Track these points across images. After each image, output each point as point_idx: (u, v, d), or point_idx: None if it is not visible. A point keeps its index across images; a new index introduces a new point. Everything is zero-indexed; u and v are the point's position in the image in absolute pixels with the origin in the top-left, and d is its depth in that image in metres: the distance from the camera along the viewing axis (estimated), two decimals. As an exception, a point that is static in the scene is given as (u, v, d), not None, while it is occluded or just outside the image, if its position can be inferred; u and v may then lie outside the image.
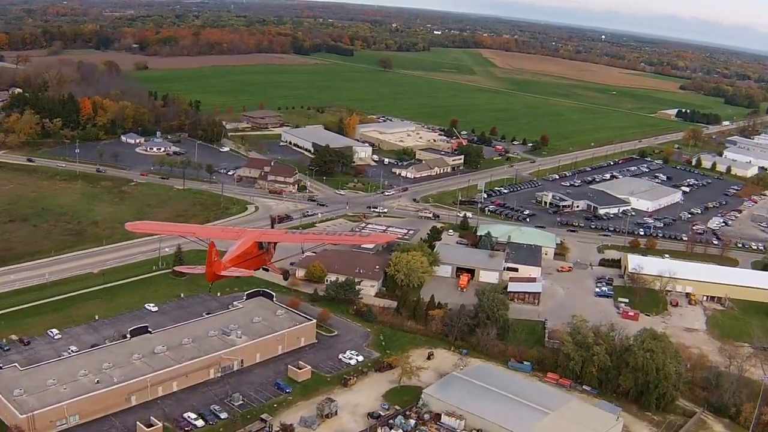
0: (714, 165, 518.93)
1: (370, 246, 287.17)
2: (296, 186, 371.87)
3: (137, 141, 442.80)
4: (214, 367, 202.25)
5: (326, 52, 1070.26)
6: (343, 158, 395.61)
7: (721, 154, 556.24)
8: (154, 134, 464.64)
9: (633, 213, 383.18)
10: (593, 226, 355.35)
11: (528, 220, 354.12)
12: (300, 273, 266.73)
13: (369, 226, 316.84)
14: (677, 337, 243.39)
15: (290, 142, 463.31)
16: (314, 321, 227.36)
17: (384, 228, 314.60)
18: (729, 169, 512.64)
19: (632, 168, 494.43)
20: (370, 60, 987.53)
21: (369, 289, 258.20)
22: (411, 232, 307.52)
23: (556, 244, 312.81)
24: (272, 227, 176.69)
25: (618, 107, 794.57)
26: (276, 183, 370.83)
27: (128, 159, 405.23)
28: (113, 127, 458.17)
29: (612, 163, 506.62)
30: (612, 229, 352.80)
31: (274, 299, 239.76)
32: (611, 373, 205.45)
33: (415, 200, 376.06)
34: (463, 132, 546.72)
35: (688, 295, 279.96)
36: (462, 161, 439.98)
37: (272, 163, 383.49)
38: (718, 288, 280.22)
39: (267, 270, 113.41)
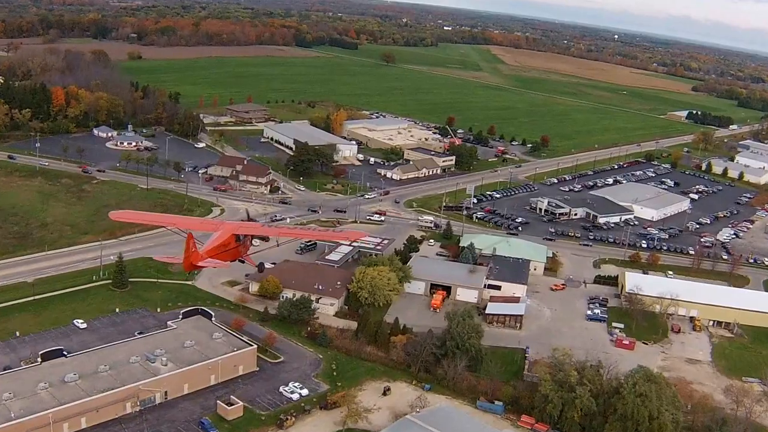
0: (725, 171, 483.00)
1: (336, 258, 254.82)
2: (268, 187, 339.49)
3: (109, 135, 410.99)
4: (132, 400, 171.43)
5: (330, 46, 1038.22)
6: (323, 157, 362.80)
7: (733, 159, 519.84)
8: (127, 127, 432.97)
9: (636, 222, 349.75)
10: (591, 237, 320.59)
11: (520, 229, 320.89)
12: (253, 287, 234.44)
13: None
14: (677, 370, 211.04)
15: (272, 139, 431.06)
16: (255, 347, 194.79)
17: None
18: (741, 176, 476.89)
19: (637, 172, 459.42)
20: (373, 54, 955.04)
21: (328, 308, 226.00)
22: (385, 242, 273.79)
23: (548, 257, 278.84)
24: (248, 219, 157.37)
25: (627, 108, 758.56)
26: (247, 183, 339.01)
27: (96, 154, 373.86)
28: (86, 119, 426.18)
29: (616, 167, 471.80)
30: (612, 240, 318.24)
31: (213, 319, 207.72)
32: (596, 419, 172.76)
33: (396, 202, 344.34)
34: (459, 131, 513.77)
35: (692, 319, 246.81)
36: (453, 162, 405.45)
37: (245, 162, 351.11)
38: (726, 312, 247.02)
39: (243, 262, 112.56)
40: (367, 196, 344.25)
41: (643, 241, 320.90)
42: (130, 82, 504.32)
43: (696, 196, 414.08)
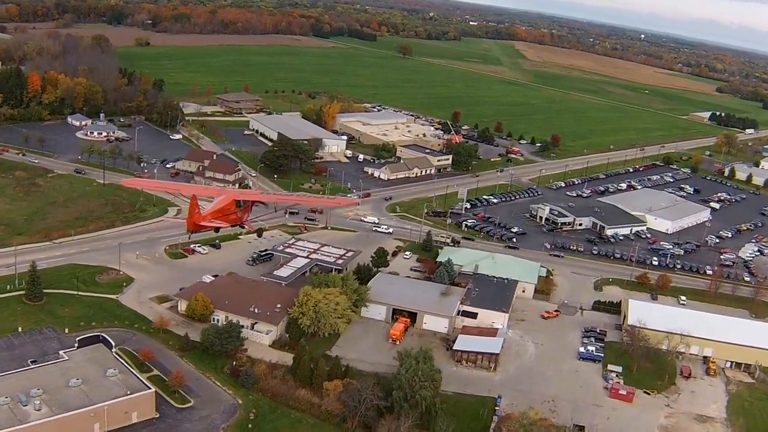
0: (750, 177, 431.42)
1: (285, 274, 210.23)
2: (237, 185, 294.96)
3: (83, 123, 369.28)
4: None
5: (348, 36, 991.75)
6: (302, 153, 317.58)
7: (758, 165, 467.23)
8: (107, 116, 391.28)
9: (648, 235, 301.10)
10: (595, 252, 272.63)
11: (515, 240, 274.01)
12: (182, 306, 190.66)
13: (298, 243, 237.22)
14: (684, 431, 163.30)
15: (257, 131, 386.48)
16: (152, 390, 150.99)
17: (317, 246, 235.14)
18: (767, 183, 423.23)
19: (654, 177, 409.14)
20: (391, 46, 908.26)
21: (263, 337, 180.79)
22: (349, 254, 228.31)
23: (541, 277, 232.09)
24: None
25: (648, 107, 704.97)
26: (213, 180, 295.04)
27: (62, 145, 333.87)
28: (62, 106, 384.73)
29: (631, 170, 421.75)
30: (619, 255, 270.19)
31: (114, 350, 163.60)
32: None
33: (386, 199, 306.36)
34: (464, 127, 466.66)
35: (705, 360, 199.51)
36: (450, 162, 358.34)
37: (214, 156, 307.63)
38: (746, 352, 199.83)
39: (243, 227, 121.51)
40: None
41: (655, 258, 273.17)
42: (119, 68, 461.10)
43: (717, 206, 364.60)
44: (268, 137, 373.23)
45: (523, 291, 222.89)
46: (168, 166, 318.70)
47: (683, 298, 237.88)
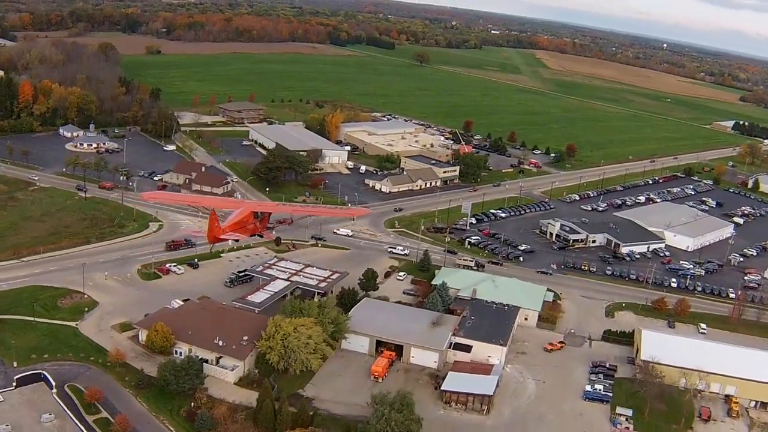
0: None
1: (259, 299, 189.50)
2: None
3: (74, 134, 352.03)
4: None
5: (366, 45, 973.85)
6: (297, 164, 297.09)
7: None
8: (102, 126, 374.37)
9: (667, 253, 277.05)
10: (609, 272, 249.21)
11: (522, 259, 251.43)
12: (143, 336, 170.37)
13: (280, 264, 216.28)
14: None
15: (256, 142, 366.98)
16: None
17: (299, 267, 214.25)
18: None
19: (675, 189, 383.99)
20: (409, 54, 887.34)
21: (228, 374, 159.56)
22: (334, 276, 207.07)
23: (546, 302, 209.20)
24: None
25: (669, 116, 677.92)
26: (200, 194, 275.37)
27: (50, 157, 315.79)
28: (54, 116, 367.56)
29: (650, 182, 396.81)
30: (634, 277, 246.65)
31: (54, 391, 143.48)
32: None
33: (397, 210, 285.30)
34: (476, 136, 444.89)
35: (727, 399, 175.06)
36: (457, 173, 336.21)
37: (202, 169, 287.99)
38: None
39: (261, 236, 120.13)
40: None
41: (673, 279, 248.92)
42: (119, 76, 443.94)
43: (741, 220, 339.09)
44: (266, 147, 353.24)
45: (526, 319, 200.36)
46: (156, 178, 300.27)
47: (703, 326, 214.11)
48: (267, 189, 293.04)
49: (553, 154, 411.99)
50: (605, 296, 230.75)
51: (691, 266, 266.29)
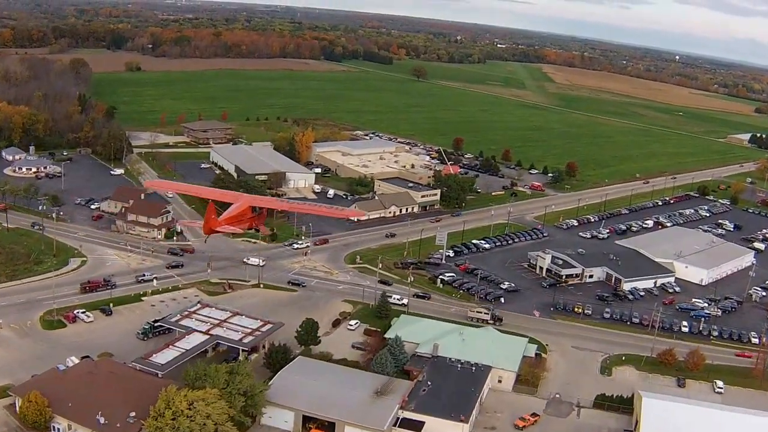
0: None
1: (164, 359, 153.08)
2: (163, 231, 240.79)
3: (17, 157, 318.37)
4: None
5: (363, 60, 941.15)
6: (251, 190, 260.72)
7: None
8: (51, 148, 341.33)
9: (677, 289, 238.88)
10: (607, 315, 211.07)
11: (503, 300, 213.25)
12: (19, 404, 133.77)
13: (203, 311, 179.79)
14: None
15: (216, 164, 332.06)
16: None
17: (225, 316, 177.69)
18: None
19: (687, 211, 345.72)
20: (407, 69, 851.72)
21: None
22: (265, 328, 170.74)
23: (527, 357, 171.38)
24: None
25: (681, 130, 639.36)
26: (136, 224, 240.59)
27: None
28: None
29: (660, 203, 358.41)
30: (638, 320, 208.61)
31: None
32: None
33: (388, 236, 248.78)
34: (467, 155, 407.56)
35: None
36: (437, 198, 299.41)
37: (141, 196, 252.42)
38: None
39: (258, 231, 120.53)
40: (296, 245, 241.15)
41: (684, 323, 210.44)
42: (79, 94, 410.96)
43: (762, 246, 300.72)
44: (225, 170, 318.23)
45: (500, 381, 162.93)
46: (93, 206, 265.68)
47: (720, 384, 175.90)
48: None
49: (551, 174, 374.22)
50: (602, 346, 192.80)
51: (706, 304, 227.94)
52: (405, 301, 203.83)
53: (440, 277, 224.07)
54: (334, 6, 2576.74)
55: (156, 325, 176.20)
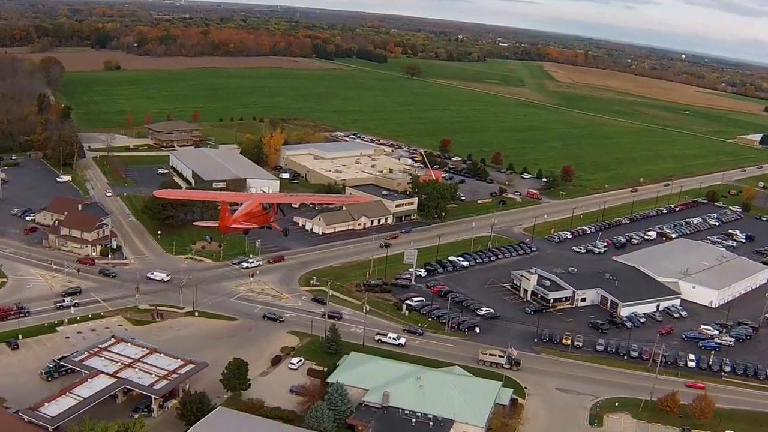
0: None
1: (54, 412, 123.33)
2: (98, 246, 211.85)
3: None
4: None
5: (357, 58, 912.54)
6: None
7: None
8: (2, 152, 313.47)
9: (683, 313, 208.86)
10: (601, 348, 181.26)
11: (478, 330, 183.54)
12: None
13: (116, 347, 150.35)
14: None
15: (175, 170, 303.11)
16: None
17: (141, 354, 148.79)
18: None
19: (695, 220, 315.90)
20: (402, 68, 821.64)
21: None
22: (185, 370, 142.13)
23: (508, 401, 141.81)
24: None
25: (688, 130, 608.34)
26: (68, 239, 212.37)
27: None
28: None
29: (665, 211, 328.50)
30: (636, 353, 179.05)
31: None
32: None
33: (383, 246, 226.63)
34: (455, 158, 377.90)
35: None
36: (415, 207, 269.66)
37: (78, 207, 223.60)
38: None
39: (270, 228, 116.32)
40: (246, 264, 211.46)
41: (691, 356, 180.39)
42: (39, 94, 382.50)
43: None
44: (183, 176, 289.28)
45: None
46: (29, 218, 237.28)
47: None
48: (159, 232, 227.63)
49: (544, 179, 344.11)
50: (592, 388, 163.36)
51: (716, 332, 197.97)
52: (402, 341, 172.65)
53: (406, 302, 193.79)
54: (337, 6, 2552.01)
55: (61, 363, 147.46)
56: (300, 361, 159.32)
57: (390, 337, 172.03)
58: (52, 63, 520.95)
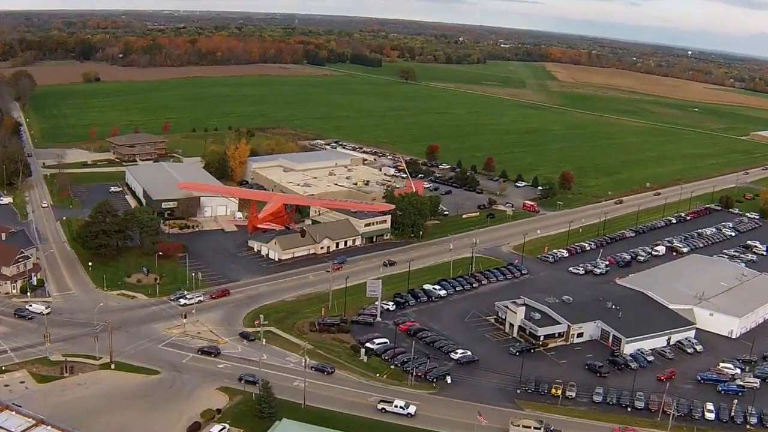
0: None
1: None
2: (16, 283, 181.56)
3: None
4: None
5: (350, 63, 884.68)
6: (142, 226, 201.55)
7: None
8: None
9: (698, 348, 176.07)
10: (599, 398, 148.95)
11: (449, 380, 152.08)
12: None
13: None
14: None
15: (129, 187, 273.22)
16: None
17: (29, 424, 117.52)
18: None
19: (708, 230, 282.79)
20: (396, 72, 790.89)
21: None
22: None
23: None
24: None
25: (698, 128, 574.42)
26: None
27: None
28: None
29: (674, 220, 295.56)
30: (642, 404, 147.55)
31: None
32: None
33: (386, 264, 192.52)
34: (443, 165, 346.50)
35: None
36: (388, 226, 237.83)
37: (2, 236, 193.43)
38: None
39: (288, 228, 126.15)
40: (184, 300, 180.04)
41: (709, 405, 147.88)
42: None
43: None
44: (136, 194, 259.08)
45: None
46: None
47: None
48: (90, 263, 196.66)
49: (540, 187, 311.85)
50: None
51: (738, 370, 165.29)
52: (412, 409, 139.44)
53: (366, 344, 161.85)
54: (338, 12, 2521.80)
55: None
56: (224, 429, 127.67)
57: (396, 406, 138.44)
58: (23, 76, 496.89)
